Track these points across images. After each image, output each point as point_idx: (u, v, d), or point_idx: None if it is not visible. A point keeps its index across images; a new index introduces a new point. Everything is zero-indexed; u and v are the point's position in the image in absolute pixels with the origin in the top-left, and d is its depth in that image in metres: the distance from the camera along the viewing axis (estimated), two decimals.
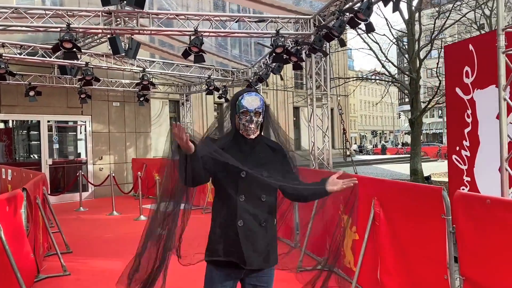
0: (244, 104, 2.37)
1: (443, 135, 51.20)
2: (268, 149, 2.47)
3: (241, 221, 2.32)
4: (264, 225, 2.37)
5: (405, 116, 63.67)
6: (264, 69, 10.04)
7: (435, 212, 3.19)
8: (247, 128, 2.38)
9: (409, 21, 14.19)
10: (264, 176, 2.32)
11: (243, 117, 2.38)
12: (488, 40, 5.63)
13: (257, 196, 2.37)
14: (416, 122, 14.06)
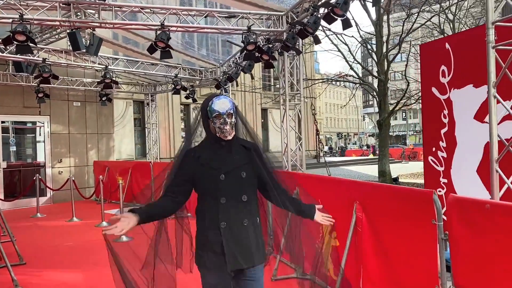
0: (216, 108, 2.45)
1: (407, 137, 52.47)
2: (244, 149, 2.54)
3: (224, 223, 2.39)
4: (246, 225, 2.44)
5: (369, 119, 64.93)
6: (233, 68, 9.72)
7: (425, 217, 2.96)
8: (223, 130, 2.45)
9: (377, 23, 14.23)
10: (243, 176, 2.45)
11: (217, 120, 2.45)
12: (465, 39, 5.55)
13: (237, 197, 2.43)
14: (384, 124, 14.11)
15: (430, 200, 2.91)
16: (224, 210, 2.40)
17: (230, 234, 2.39)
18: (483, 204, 2.46)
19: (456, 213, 2.68)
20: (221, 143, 2.49)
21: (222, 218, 2.39)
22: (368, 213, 3.61)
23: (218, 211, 2.39)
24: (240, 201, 2.44)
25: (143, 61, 11.08)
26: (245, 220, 2.43)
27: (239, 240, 2.41)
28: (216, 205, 2.40)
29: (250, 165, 2.51)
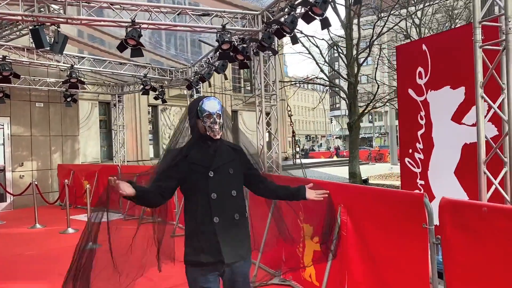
0: (206, 108, 2.56)
1: (373, 139, 53.52)
2: (230, 149, 2.68)
3: (216, 218, 2.48)
4: (238, 219, 2.56)
5: (336, 121, 65.90)
6: (206, 68, 9.49)
7: (415, 221, 2.86)
8: (213, 129, 2.56)
9: (347, 26, 14.33)
10: (231, 172, 2.59)
11: (207, 120, 2.56)
12: (443, 40, 5.57)
13: (227, 192, 2.55)
14: (354, 126, 14.21)
15: (421, 203, 2.82)
16: (216, 205, 2.49)
17: (224, 229, 2.48)
18: (480, 207, 2.37)
19: (450, 216, 2.59)
20: (208, 142, 2.59)
21: (214, 213, 2.48)
22: (354, 217, 3.50)
23: (210, 206, 2.48)
24: (230, 196, 2.56)
25: (111, 60, 10.68)
26: (236, 215, 2.56)
27: (232, 234, 2.51)
28: (207, 201, 2.48)
29: (237, 162, 2.67)
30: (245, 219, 2.64)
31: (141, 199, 2.48)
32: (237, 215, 2.56)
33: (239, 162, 2.69)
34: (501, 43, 3.05)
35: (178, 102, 22.71)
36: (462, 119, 5.04)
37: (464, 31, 5.26)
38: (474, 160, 4.87)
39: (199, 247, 2.48)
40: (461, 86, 5.03)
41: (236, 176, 2.63)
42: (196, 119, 2.58)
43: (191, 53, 10.91)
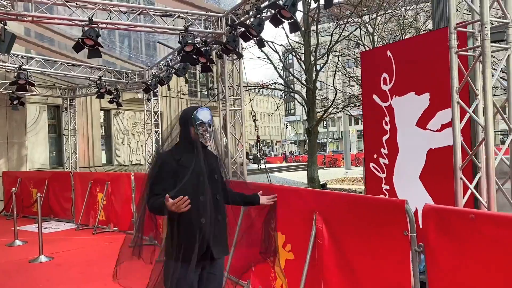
0: (200, 117, 2.81)
1: (327, 145, 54.58)
2: (215, 156, 2.98)
3: (203, 219, 2.71)
4: (220, 220, 2.83)
5: (291, 127, 66.69)
6: (165, 71, 9.18)
7: (396, 228, 2.80)
8: (205, 137, 2.82)
9: (306, 32, 14.46)
10: (216, 178, 2.87)
11: (200, 128, 2.80)
12: (407, 46, 5.65)
13: (213, 195, 2.79)
14: (313, 131, 14.32)
15: (402, 210, 2.76)
16: (203, 207, 2.71)
17: (209, 228, 2.71)
18: (467, 214, 2.33)
19: (434, 223, 2.54)
20: (199, 149, 2.79)
21: (202, 214, 2.70)
22: (330, 225, 3.40)
23: (198, 208, 2.68)
24: (215, 200, 2.81)
25: (63, 62, 10.12)
26: (219, 216, 2.82)
27: (216, 233, 2.77)
28: (196, 203, 2.67)
29: (218, 170, 2.95)
30: (225, 220, 2.93)
31: None
32: (220, 216, 2.83)
33: (220, 169, 2.98)
34: (475, 49, 3.07)
35: (132, 106, 22.01)
36: (427, 125, 5.12)
37: (429, 38, 5.37)
38: (439, 165, 4.97)
39: (187, 245, 2.68)
40: (426, 92, 5.11)
41: (219, 181, 2.92)
42: (190, 126, 2.81)
43: (146, 55, 10.54)
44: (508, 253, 2.13)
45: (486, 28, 2.78)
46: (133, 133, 23.11)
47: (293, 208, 3.91)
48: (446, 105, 4.86)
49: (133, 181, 7.92)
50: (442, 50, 4.83)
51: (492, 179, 2.89)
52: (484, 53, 2.83)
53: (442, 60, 4.83)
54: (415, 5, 22.49)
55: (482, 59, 2.83)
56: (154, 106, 11.51)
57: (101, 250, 7.14)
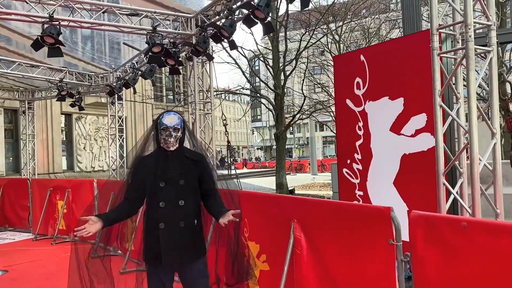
0: (164, 122, 2.82)
1: (293, 150, 54.90)
2: (188, 160, 2.88)
3: (162, 224, 2.76)
4: (182, 226, 2.79)
5: (258, 133, 66.76)
6: (131, 73, 8.83)
7: (381, 237, 2.67)
8: (166, 142, 2.81)
9: (274, 38, 14.40)
10: (181, 184, 2.82)
11: (163, 132, 2.81)
12: (381, 51, 5.61)
13: (175, 202, 2.79)
14: (281, 137, 14.24)
15: (387, 218, 2.63)
16: (163, 213, 2.76)
17: (168, 234, 2.75)
18: (458, 222, 2.22)
19: (423, 232, 2.42)
20: (166, 153, 2.82)
21: (160, 220, 2.76)
22: (309, 234, 3.24)
23: (158, 213, 2.76)
24: (177, 206, 2.78)
25: (21, 62, 9.57)
26: (181, 222, 2.78)
27: (175, 239, 2.76)
28: (156, 209, 2.76)
29: (192, 173, 2.86)
30: (192, 226, 2.84)
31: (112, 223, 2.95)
32: (182, 222, 2.78)
33: (194, 175, 2.87)
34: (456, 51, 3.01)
35: (95, 111, 21.33)
36: (401, 130, 5.07)
37: (403, 42, 5.35)
38: (413, 171, 4.93)
39: (148, 248, 2.83)
40: (400, 97, 5.06)
41: (187, 187, 2.83)
42: (157, 131, 2.85)
43: (111, 57, 10.12)
44: (504, 264, 2.02)
45: (470, 29, 2.72)
46: (96, 138, 22.40)
47: (269, 215, 3.73)
48: (420, 110, 4.85)
49: (96, 188, 7.53)
50: (416, 55, 4.83)
51: (476, 185, 2.81)
52: (467, 55, 2.76)
53: (416, 65, 4.81)
54: (379, 15, 23.09)
55: (466, 61, 2.76)
56: (118, 110, 11.08)
57: (61, 262, 6.70)
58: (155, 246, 2.75)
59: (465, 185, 3.16)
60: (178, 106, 22.91)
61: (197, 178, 2.87)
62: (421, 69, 4.64)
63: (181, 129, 2.85)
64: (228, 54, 14.56)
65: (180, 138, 2.85)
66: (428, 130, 4.73)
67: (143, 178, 2.80)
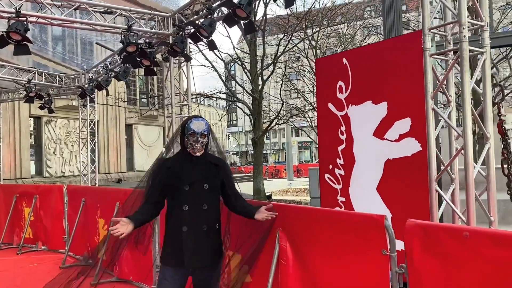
0: (192, 127, 2.85)
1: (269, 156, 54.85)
2: (212, 165, 2.95)
3: (185, 227, 2.80)
4: (205, 230, 2.84)
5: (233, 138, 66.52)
6: (103, 74, 8.48)
7: (373, 247, 2.51)
8: (193, 147, 2.85)
9: (251, 41, 14.27)
10: (205, 188, 2.86)
11: (191, 138, 2.84)
12: (364, 54, 5.49)
13: (199, 205, 2.83)
14: (259, 142, 14.08)
15: (381, 227, 2.47)
16: (187, 216, 2.80)
17: (190, 237, 2.79)
18: (460, 232, 2.07)
19: (420, 242, 2.26)
20: (192, 158, 2.87)
21: (184, 223, 2.80)
22: (296, 243, 3.05)
23: (181, 217, 2.80)
24: (200, 209, 2.83)
25: None
26: (204, 226, 2.83)
27: (197, 243, 2.81)
28: (180, 212, 2.81)
29: (215, 178, 2.94)
30: (214, 230, 2.90)
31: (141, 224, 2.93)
32: (205, 226, 2.83)
33: (217, 180, 2.94)
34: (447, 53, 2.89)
35: (66, 114, 20.71)
36: (385, 135, 4.95)
37: (387, 45, 5.25)
38: (396, 176, 4.81)
39: (169, 251, 2.85)
40: (383, 101, 4.95)
41: (210, 191, 2.88)
42: (183, 136, 2.89)
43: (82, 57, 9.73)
44: (510, 276, 1.88)
45: (464, 29, 2.61)
46: (67, 142, 21.73)
47: (252, 223, 3.52)
48: (405, 114, 4.74)
49: (66, 194, 7.16)
50: (401, 58, 4.73)
51: (471, 191, 2.69)
52: (462, 56, 2.64)
53: (401, 69, 4.72)
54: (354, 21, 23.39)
55: (460, 62, 2.65)
56: (90, 114, 10.66)
57: (27, 273, 6.31)
58: (177, 249, 2.79)
59: (457, 191, 3.04)
60: (153, 109, 22.47)
61: (219, 182, 2.95)
62: (406, 72, 4.56)
63: (207, 135, 2.90)
64: (204, 57, 14.30)
65: (206, 144, 2.91)
66: (413, 135, 4.63)
67: (165, 180, 2.83)
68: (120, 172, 24.32)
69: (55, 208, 7.43)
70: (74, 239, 6.64)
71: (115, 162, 24.04)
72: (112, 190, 6.92)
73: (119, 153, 24.30)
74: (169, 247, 2.85)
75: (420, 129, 4.57)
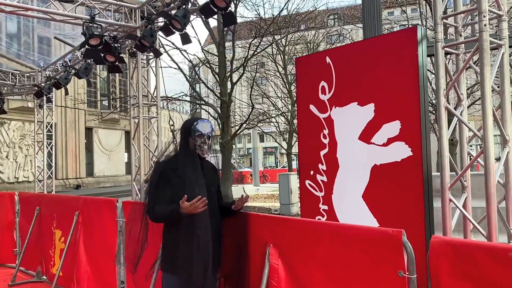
0: (199, 129, 2.83)
1: (235, 161, 54.35)
2: (213, 169, 3.01)
3: (199, 231, 2.69)
4: (216, 232, 2.81)
5: None
6: (62, 72, 7.79)
7: (387, 268, 2.13)
8: (202, 149, 2.83)
9: (220, 43, 13.83)
10: (212, 191, 2.87)
11: (198, 139, 2.82)
12: (349, 52, 5.17)
13: (209, 209, 2.70)
14: (227, 146, 13.63)
15: (398, 244, 2.10)
16: (199, 219, 2.65)
17: (203, 242, 2.66)
18: (502, 252, 1.72)
19: (448, 263, 1.90)
20: (197, 160, 2.79)
21: (197, 227, 2.66)
22: (289, 262, 2.63)
23: (194, 220, 2.63)
24: (211, 213, 2.73)
25: None
26: (216, 230, 2.77)
27: (212, 247, 2.69)
28: (192, 215, 2.60)
29: (217, 181, 2.98)
30: (220, 234, 2.87)
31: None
32: (216, 230, 2.78)
33: (217, 181, 3.00)
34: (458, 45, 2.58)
35: (21, 116, 19.53)
36: (372, 139, 4.64)
37: (375, 42, 4.96)
38: (385, 183, 4.50)
39: (178, 257, 2.69)
40: (370, 103, 4.64)
41: (215, 194, 2.89)
42: (189, 137, 2.81)
43: (39, 53, 8.96)
44: None
45: (484, 17, 2.30)
46: (21, 146, 20.52)
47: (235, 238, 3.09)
48: (393, 117, 4.44)
49: (18, 203, 6.49)
50: (389, 56, 4.45)
51: (493, 200, 2.36)
52: (482, 48, 2.33)
53: (389, 68, 4.42)
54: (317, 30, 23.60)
55: (479, 54, 2.34)
56: (47, 115, 9.86)
57: None
58: (189, 254, 2.65)
59: (469, 200, 2.73)
60: (114, 112, 21.59)
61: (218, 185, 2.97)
62: (395, 72, 4.28)
63: (212, 138, 2.90)
64: (170, 59, 13.70)
65: (210, 146, 2.88)
66: (402, 139, 4.33)
67: (169, 182, 2.72)
68: (79, 178, 23.18)
69: (4, 218, 6.76)
70: (26, 252, 6.00)
71: (74, 167, 22.90)
72: (70, 198, 6.28)
73: (78, 157, 23.19)
74: (178, 254, 2.69)
75: (411, 133, 4.32)
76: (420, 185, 4.02)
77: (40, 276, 5.94)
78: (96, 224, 5.10)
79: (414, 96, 4.00)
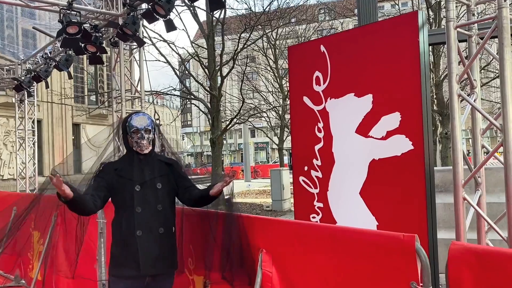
0: (134, 124, 2.68)
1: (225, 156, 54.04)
2: (163, 163, 2.79)
3: (140, 231, 2.59)
4: (162, 233, 2.64)
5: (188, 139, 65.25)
6: (43, 64, 7.40)
7: (398, 279, 1.85)
8: (139, 145, 2.67)
9: (209, 36, 13.49)
10: (158, 187, 2.69)
11: (135, 135, 2.67)
12: (345, 40, 4.88)
13: (153, 206, 2.64)
14: (218, 141, 13.32)
15: (411, 251, 1.81)
16: (140, 219, 2.59)
17: (147, 241, 2.58)
18: None
19: (472, 274, 1.62)
20: (139, 157, 2.69)
21: (138, 227, 2.58)
22: (285, 270, 2.34)
23: (134, 220, 2.58)
24: (155, 211, 2.64)
25: None
26: (160, 229, 2.64)
27: (154, 247, 2.60)
28: (132, 215, 2.58)
29: (168, 177, 2.74)
30: (171, 233, 2.71)
31: (76, 205, 2.47)
32: (161, 229, 2.63)
33: (171, 177, 2.74)
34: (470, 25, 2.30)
35: (5, 112, 19.05)
36: (369, 132, 4.37)
37: (373, 29, 4.67)
38: (384, 179, 4.24)
39: (122, 259, 2.59)
40: (368, 94, 4.37)
41: (164, 190, 2.69)
42: (126, 135, 2.70)
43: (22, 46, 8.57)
44: None
45: None
46: (5, 143, 20.06)
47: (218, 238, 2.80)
48: (393, 108, 4.16)
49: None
50: (388, 44, 4.18)
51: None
52: (501, 26, 2.05)
53: (389, 56, 4.14)
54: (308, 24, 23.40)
55: (498, 34, 2.06)
56: (29, 110, 9.45)
57: None
58: (131, 256, 2.55)
59: (483, 198, 2.46)
60: (102, 108, 21.14)
61: (173, 181, 2.73)
62: (395, 61, 4.02)
63: (153, 130, 2.71)
64: (158, 52, 13.31)
65: (152, 139, 2.72)
66: (403, 132, 4.06)
67: (110, 182, 2.62)
68: (66, 175, 22.68)
69: None
70: (3, 255, 5.67)
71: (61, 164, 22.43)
72: (50, 198, 5.94)
73: (66, 154, 22.71)
74: (121, 255, 2.58)
75: (411, 125, 4.09)
76: (422, 181, 3.81)
77: (18, 280, 5.63)
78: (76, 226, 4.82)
79: (415, 86, 3.75)
